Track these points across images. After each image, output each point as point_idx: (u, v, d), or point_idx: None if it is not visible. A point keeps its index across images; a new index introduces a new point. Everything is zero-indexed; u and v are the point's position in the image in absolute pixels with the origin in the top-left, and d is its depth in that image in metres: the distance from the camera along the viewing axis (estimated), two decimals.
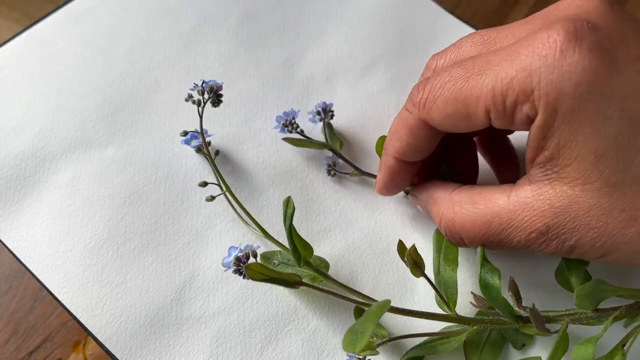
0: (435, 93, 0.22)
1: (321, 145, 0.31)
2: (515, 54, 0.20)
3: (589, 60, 0.18)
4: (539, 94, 0.19)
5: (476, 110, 0.21)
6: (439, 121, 0.23)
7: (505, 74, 0.20)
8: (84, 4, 0.38)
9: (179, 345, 0.27)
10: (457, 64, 0.22)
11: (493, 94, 0.20)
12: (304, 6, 0.39)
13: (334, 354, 0.27)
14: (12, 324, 0.28)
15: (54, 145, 0.32)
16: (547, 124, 0.19)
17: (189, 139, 0.31)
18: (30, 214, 0.30)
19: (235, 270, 0.25)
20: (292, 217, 0.25)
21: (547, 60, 0.19)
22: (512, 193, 0.21)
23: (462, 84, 0.21)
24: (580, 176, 0.19)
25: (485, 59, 0.21)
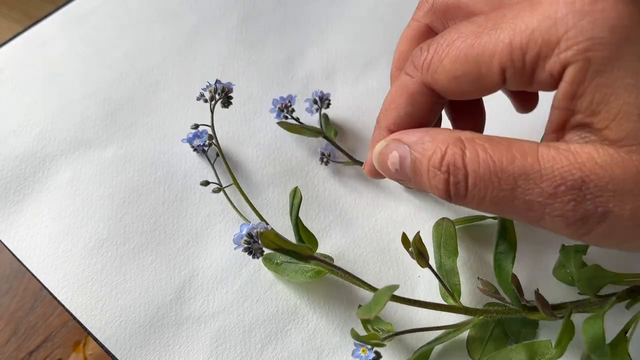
0: (442, 52, 0.19)
1: (315, 132, 0.31)
2: (537, 3, 0.17)
3: (623, 5, 0.16)
4: (568, 44, 0.16)
5: (490, 69, 0.18)
6: (446, 84, 0.20)
7: (525, 25, 0.17)
8: (84, 5, 0.38)
9: (178, 345, 0.27)
10: (465, 22, 0.19)
11: (510, 49, 0.17)
12: (304, 5, 0.39)
13: (334, 354, 0.27)
14: (13, 324, 0.28)
15: (53, 146, 0.32)
16: (577, 77, 0.17)
17: (191, 138, 0.31)
18: (30, 214, 0.30)
19: (245, 249, 0.24)
20: (298, 208, 0.25)
21: (575, 6, 0.16)
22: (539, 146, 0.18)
23: (473, 40, 0.18)
24: (624, 136, 0.16)
25: (500, 12, 0.18)
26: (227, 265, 0.29)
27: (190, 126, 0.31)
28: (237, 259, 0.29)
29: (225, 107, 0.30)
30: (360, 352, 0.25)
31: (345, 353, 0.27)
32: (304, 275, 0.27)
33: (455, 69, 0.19)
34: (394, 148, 0.21)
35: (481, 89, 0.19)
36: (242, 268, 0.29)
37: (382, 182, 0.32)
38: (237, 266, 0.29)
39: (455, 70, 0.19)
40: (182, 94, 0.35)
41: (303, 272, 0.27)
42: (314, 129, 0.32)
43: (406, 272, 0.29)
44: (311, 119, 0.33)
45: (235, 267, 0.29)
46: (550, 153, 0.17)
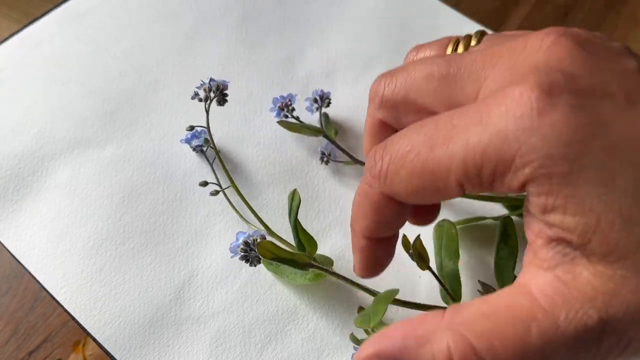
0: (397, 164, 0.19)
1: (315, 131, 0.31)
2: (486, 116, 0.16)
3: (573, 117, 0.16)
4: (523, 161, 0.16)
5: (446, 184, 0.18)
6: (404, 195, 0.19)
7: (476, 140, 0.16)
8: (82, 4, 0.38)
9: (178, 346, 0.27)
10: (414, 129, 0.19)
11: (465, 166, 0.17)
12: (304, 5, 0.39)
13: (334, 354, 0.27)
14: (13, 324, 0.28)
15: (52, 145, 0.32)
16: (542, 192, 0.16)
17: (189, 138, 0.31)
18: (28, 213, 0.30)
19: (242, 257, 0.24)
20: (297, 210, 0.24)
21: (524, 121, 0.16)
22: (532, 290, 0.16)
23: (426, 154, 0.18)
24: (612, 250, 0.15)
25: (449, 121, 0.18)
26: (226, 266, 0.29)
27: (185, 127, 0.31)
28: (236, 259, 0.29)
29: (220, 105, 0.30)
30: None
31: (346, 353, 0.27)
32: (303, 277, 0.27)
33: (413, 183, 0.19)
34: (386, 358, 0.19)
35: (440, 198, 0.19)
36: (241, 268, 0.29)
37: None
38: (236, 266, 0.29)
39: (413, 184, 0.19)
40: (182, 94, 0.35)
41: (302, 275, 0.27)
42: (314, 128, 0.31)
43: (406, 273, 0.29)
44: (311, 118, 0.33)
45: (235, 267, 0.29)
46: (553, 298, 0.16)
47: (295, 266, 0.23)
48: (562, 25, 0.19)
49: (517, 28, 0.40)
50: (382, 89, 0.22)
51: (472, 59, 0.19)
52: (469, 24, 0.39)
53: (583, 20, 0.40)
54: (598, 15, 0.40)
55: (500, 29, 0.39)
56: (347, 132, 0.34)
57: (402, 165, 0.19)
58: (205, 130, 0.31)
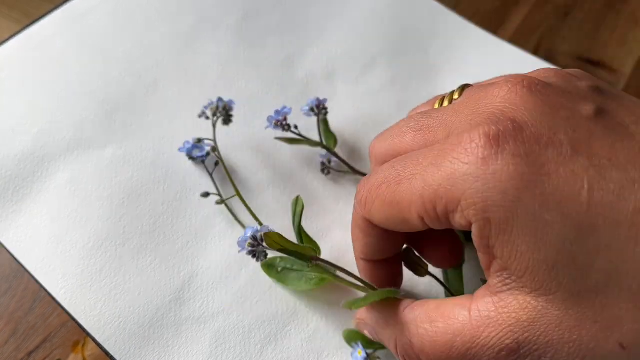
0: (372, 193, 0.21)
1: (315, 143, 0.31)
2: (442, 159, 0.18)
3: (513, 167, 0.17)
4: (467, 203, 0.17)
5: (409, 216, 0.20)
6: (380, 221, 0.21)
7: (432, 180, 0.18)
8: (83, 4, 0.38)
9: (178, 346, 0.27)
10: (391, 164, 0.21)
11: (422, 201, 0.19)
12: (304, 5, 0.39)
13: (334, 355, 0.27)
14: (12, 324, 0.28)
15: (52, 146, 0.32)
16: (483, 234, 0.18)
17: (190, 148, 0.31)
18: (28, 214, 0.30)
19: (249, 252, 0.24)
20: (301, 216, 0.25)
21: (470, 168, 0.17)
22: (472, 306, 0.19)
23: (394, 187, 0.20)
24: (538, 287, 0.17)
25: (415, 160, 0.20)
26: (226, 266, 0.29)
27: (193, 140, 0.31)
28: (236, 260, 0.29)
29: (225, 124, 0.31)
30: (357, 353, 0.25)
31: (346, 354, 0.27)
32: (307, 283, 0.26)
33: (384, 211, 0.21)
34: (364, 328, 0.25)
35: (409, 228, 0.21)
36: (242, 269, 0.29)
37: None
38: (236, 267, 0.29)
39: (384, 212, 0.21)
40: (182, 94, 0.35)
41: (307, 280, 0.26)
42: (314, 142, 0.31)
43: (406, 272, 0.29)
44: (311, 119, 0.33)
45: (235, 268, 0.29)
46: (481, 318, 0.19)
47: (301, 259, 0.23)
48: (562, 25, 0.20)
49: (517, 28, 0.40)
50: (375, 148, 0.24)
51: (444, 110, 0.21)
52: (468, 27, 0.39)
53: (583, 20, 0.40)
54: (598, 15, 0.40)
55: (500, 29, 0.39)
56: (348, 137, 0.34)
57: (377, 195, 0.21)
58: (209, 143, 0.31)
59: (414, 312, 0.21)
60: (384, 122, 0.34)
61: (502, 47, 0.38)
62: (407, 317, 0.21)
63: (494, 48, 0.38)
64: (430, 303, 0.21)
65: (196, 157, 0.31)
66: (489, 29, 0.39)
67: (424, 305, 0.21)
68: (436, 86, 0.36)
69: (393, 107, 0.35)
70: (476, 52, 0.38)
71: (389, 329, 0.22)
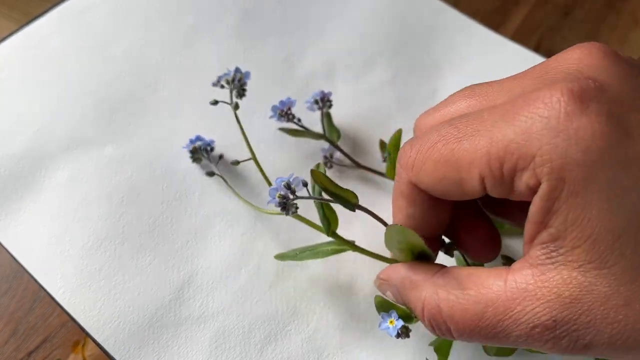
0: (424, 154, 0.20)
1: (318, 135, 0.31)
2: (513, 114, 0.17)
3: (598, 125, 0.16)
4: (542, 159, 0.16)
5: (469, 176, 0.18)
6: (429, 186, 0.20)
7: (501, 135, 0.17)
8: (82, 3, 0.38)
9: (177, 346, 0.27)
10: (448, 123, 0.20)
11: (488, 158, 0.18)
12: (304, 4, 0.39)
13: (334, 355, 0.27)
14: (12, 324, 0.28)
15: (51, 145, 0.32)
16: (552, 195, 0.17)
17: (188, 145, 0.31)
18: (28, 213, 0.30)
19: (279, 203, 0.22)
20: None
21: (550, 122, 0.16)
22: (509, 277, 0.18)
23: (453, 145, 0.19)
24: (594, 259, 0.16)
25: (479, 117, 0.19)
26: (226, 266, 0.29)
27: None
28: (236, 259, 0.29)
29: (239, 97, 0.30)
30: (388, 323, 0.23)
31: (346, 354, 0.27)
32: (325, 252, 0.25)
33: (438, 172, 0.19)
34: (386, 289, 0.24)
35: (464, 193, 0.19)
36: (241, 268, 0.29)
37: (383, 182, 0.32)
38: (236, 266, 0.29)
39: (438, 173, 0.19)
40: (182, 93, 0.35)
41: (324, 251, 0.26)
42: (317, 134, 0.31)
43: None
44: (313, 115, 0.33)
45: (234, 267, 0.29)
46: (518, 290, 0.18)
47: (343, 204, 0.22)
48: (562, 24, 0.19)
49: (517, 28, 0.39)
50: (422, 121, 0.23)
51: (500, 80, 0.20)
52: (469, 24, 0.39)
53: (583, 20, 0.40)
54: (598, 15, 0.40)
55: (500, 28, 0.39)
56: (350, 133, 0.34)
57: (430, 155, 0.19)
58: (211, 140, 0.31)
59: (445, 277, 0.20)
60: (385, 120, 0.34)
61: (503, 45, 0.38)
62: (438, 281, 0.20)
63: (496, 45, 0.38)
64: (463, 270, 0.20)
65: (200, 150, 0.30)
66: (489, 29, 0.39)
67: (456, 271, 0.20)
68: (437, 84, 0.36)
69: (394, 106, 0.35)
70: (477, 50, 0.37)
71: (416, 291, 0.21)
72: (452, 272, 0.20)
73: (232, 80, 0.28)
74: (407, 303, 0.22)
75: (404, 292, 0.22)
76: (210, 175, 0.30)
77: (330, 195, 0.21)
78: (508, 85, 0.20)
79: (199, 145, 0.31)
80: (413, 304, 0.21)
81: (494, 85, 0.20)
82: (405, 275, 0.22)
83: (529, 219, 0.18)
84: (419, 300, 0.21)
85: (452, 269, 0.21)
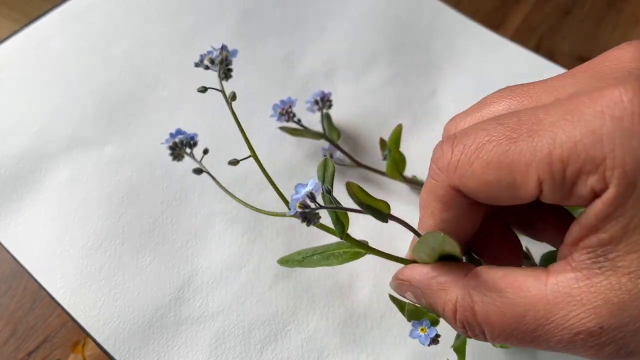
0: (471, 155, 0.18)
1: (318, 135, 0.31)
2: (577, 113, 0.16)
3: None
4: (613, 163, 0.15)
5: (526, 179, 0.17)
6: (475, 189, 0.19)
7: (566, 136, 0.16)
8: (82, 3, 0.38)
9: (177, 346, 0.27)
10: (495, 121, 0.18)
11: (550, 161, 0.16)
12: (304, 4, 0.39)
13: (334, 355, 0.27)
14: (12, 324, 0.28)
15: (51, 145, 0.32)
16: (617, 201, 0.16)
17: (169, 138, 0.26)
18: (28, 213, 0.30)
19: (300, 214, 0.20)
20: (332, 180, 0.22)
21: (623, 123, 0.15)
22: (549, 280, 0.17)
23: (507, 145, 0.17)
24: None
25: (534, 116, 0.17)
26: (226, 266, 0.29)
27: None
28: (236, 259, 0.29)
29: (225, 79, 0.27)
30: (419, 331, 0.23)
31: (346, 354, 0.27)
32: (338, 258, 0.24)
33: (487, 175, 0.18)
34: (406, 289, 0.22)
35: (514, 198, 0.18)
36: (241, 268, 0.29)
37: (383, 182, 0.32)
38: (236, 266, 0.29)
39: (487, 176, 0.18)
40: (181, 93, 0.35)
41: (337, 256, 0.24)
42: (317, 133, 0.31)
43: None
44: (313, 116, 0.33)
45: (234, 267, 0.29)
46: (561, 294, 0.17)
47: (376, 215, 0.21)
48: (562, 24, 0.19)
49: (518, 28, 0.39)
50: (454, 125, 0.21)
51: (542, 81, 0.19)
52: (469, 24, 0.39)
53: (583, 20, 0.40)
54: (598, 15, 0.40)
55: (500, 28, 0.39)
56: (350, 133, 0.34)
57: (478, 156, 0.18)
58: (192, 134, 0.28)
59: (477, 278, 0.19)
60: (385, 120, 0.34)
61: (503, 45, 0.38)
62: (470, 282, 0.19)
63: (495, 45, 0.38)
64: (497, 270, 0.19)
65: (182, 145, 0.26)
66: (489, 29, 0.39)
67: (490, 272, 0.19)
68: (437, 84, 0.36)
69: (394, 105, 0.35)
70: (477, 50, 0.37)
71: (444, 293, 0.20)
72: (485, 272, 0.19)
73: (220, 61, 0.25)
74: (432, 305, 0.21)
75: (429, 294, 0.21)
76: (197, 173, 0.27)
77: (362, 206, 0.20)
78: (555, 85, 0.19)
79: (181, 140, 0.27)
80: (440, 306, 0.20)
81: (536, 85, 0.19)
82: (431, 276, 0.21)
83: (580, 223, 0.17)
84: (450, 302, 0.20)
85: (484, 269, 0.20)
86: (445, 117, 0.35)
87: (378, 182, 0.32)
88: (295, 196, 0.20)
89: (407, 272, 0.22)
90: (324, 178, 0.22)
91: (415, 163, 0.33)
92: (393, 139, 0.30)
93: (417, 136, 0.34)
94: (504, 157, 0.17)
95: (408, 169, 0.31)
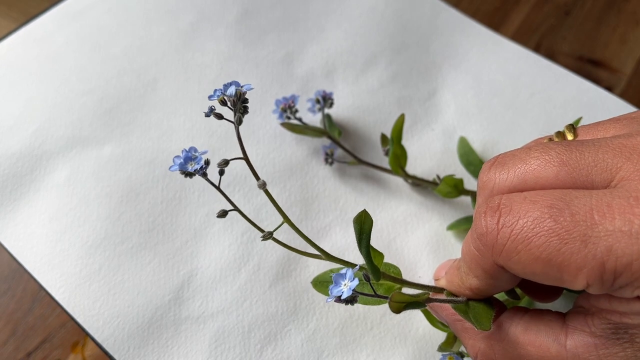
0: (518, 244, 0.17)
1: (319, 132, 0.31)
2: (637, 226, 0.16)
3: None
4: None
5: (574, 279, 0.17)
6: (520, 274, 0.18)
7: (622, 252, 0.16)
8: (81, 1, 0.38)
9: (177, 346, 0.27)
10: (547, 209, 0.17)
11: (602, 271, 0.16)
12: (303, 3, 0.39)
13: (334, 355, 0.27)
14: (11, 325, 0.28)
15: (50, 144, 0.32)
16: None
17: (183, 164, 0.24)
18: (27, 213, 0.30)
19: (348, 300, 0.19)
20: (369, 234, 0.21)
21: None
22: (568, 342, 0.18)
23: (556, 245, 0.17)
24: None
25: (587, 213, 0.16)
26: (226, 265, 0.29)
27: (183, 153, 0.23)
28: (236, 259, 0.29)
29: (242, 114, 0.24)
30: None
31: (346, 354, 0.27)
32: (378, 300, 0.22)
33: (534, 267, 0.18)
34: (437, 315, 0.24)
35: (559, 286, 0.18)
36: (241, 268, 0.29)
37: (383, 181, 0.32)
38: (236, 266, 0.29)
39: (534, 268, 0.18)
40: (180, 92, 0.35)
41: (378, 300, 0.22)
42: (318, 129, 0.31)
43: (407, 272, 0.29)
44: (313, 117, 0.33)
45: (234, 267, 0.29)
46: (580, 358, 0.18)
47: (418, 307, 0.21)
48: (562, 24, 0.18)
49: (518, 28, 0.39)
50: (495, 178, 0.20)
51: (596, 145, 0.18)
52: (469, 24, 0.39)
53: (583, 20, 0.40)
54: (598, 15, 0.40)
55: (500, 28, 0.39)
56: (350, 133, 0.34)
57: (526, 247, 0.17)
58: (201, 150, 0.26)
59: (500, 331, 0.20)
60: (386, 118, 0.34)
61: (503, 44, 0.38)
62: (493, 334, 0.21)
63: (496, 45, 0.38)
64: (517, 324, 0.20)
65: (193, 172, 0.24)
66: (489, 29, 0.39)
67: (512, 325, 0.20)
68: (437, 83, 0.36)
69: (394, 104, 0.35)
70: (477, 49, 0.37)
71: (470, 340, 0.22)
72: (508, 324, 0.20)
73: (234, 102, 0.24)
74: (458, 336, 0.23)
75: (458, 333, 0.22)
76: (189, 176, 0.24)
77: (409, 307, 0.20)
78: (604, 160, 0.18)
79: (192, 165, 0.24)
80: (466, 348, 0.22)
81: (586, 153, 0.18)
82: (458, 319, 0.22)
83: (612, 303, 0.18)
84: (474, 347, 0.21)
85: (506, 321, 0.20)
86: (446, 117, 0.35)
87: (380, 180, 0.32)
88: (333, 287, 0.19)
89: (437, 308, 0.23)
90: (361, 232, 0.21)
91: (415, 162, 0.33)
92: (396, 130, 0.30)
93: (417, 136, 0.34)
94: (554, 257, 0.17)
95: (409, 169, 0.31)
